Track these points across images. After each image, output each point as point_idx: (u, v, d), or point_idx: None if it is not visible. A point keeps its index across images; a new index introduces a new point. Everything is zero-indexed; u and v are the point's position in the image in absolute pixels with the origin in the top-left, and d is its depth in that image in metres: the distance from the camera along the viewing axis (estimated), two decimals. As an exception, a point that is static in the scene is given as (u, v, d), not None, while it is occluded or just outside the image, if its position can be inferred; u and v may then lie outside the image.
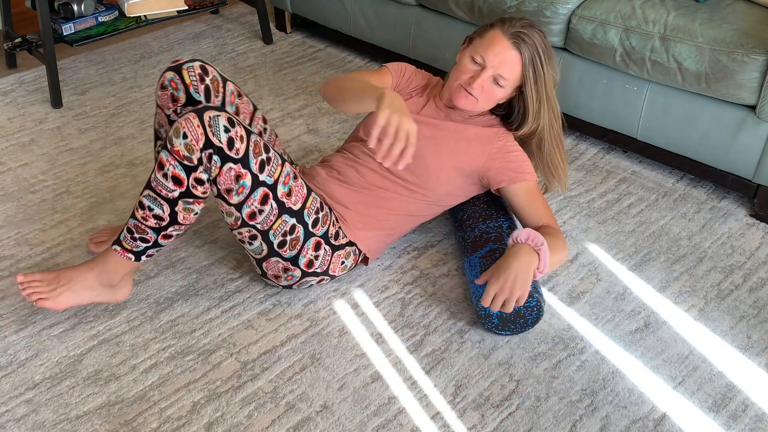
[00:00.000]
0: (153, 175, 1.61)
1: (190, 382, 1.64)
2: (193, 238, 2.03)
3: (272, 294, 1.86)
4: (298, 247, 1.72)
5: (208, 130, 1.54)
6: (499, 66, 1.77)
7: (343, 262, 1.82)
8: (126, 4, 2.75)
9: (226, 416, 1.56)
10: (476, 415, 1.57)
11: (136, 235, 1.65)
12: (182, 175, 1.57)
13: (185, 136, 1.54)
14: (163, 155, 1.58)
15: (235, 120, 1.58)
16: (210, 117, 1.55)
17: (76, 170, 2.31)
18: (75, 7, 2.64)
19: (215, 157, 1.56)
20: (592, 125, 2.39)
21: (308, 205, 1.71)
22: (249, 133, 1.60)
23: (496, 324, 1.72)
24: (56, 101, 2.63)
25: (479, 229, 1.86)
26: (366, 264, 1.92)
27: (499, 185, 1.85)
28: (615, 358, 1.71)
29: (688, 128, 2.16)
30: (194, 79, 1.73)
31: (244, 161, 1.58)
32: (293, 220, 1.68)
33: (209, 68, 1.77)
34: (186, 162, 1.56)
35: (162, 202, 1.60)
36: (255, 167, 1.60)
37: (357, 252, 1.85)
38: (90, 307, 1.81)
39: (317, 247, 1.75)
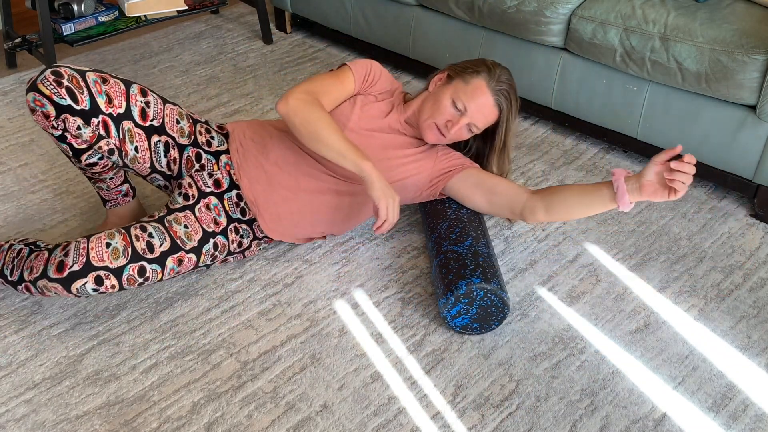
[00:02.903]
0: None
1: (190, 382, 1.64)
2: (193, 238, 2.03)
3: (272, 294, 1.86)
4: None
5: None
6: (477, 117, 1.83)
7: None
8: (126, 4, 2.75)
9: (226, 416, 1.56)
10: (476, 415, 1.57)
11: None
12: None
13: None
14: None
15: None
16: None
17: (76, 170, 2.31)
18: (75, 7, 2.64)
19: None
20: (592, 125, 2.39)
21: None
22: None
23: (477, 327, 1.74)
24: (56, 101, 2.62)
25: (429, 247, 1.91)
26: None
27: (451, 177, 1.90)
28: (615, 358, 1.71)
29: (688, 128, 2.16)
30: (52, 87, 1.63)
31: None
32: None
33: (61, 69, 1.66)
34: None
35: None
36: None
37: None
38: (90, 307, 1.81)
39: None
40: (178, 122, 1.82)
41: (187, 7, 2.86)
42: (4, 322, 1.77)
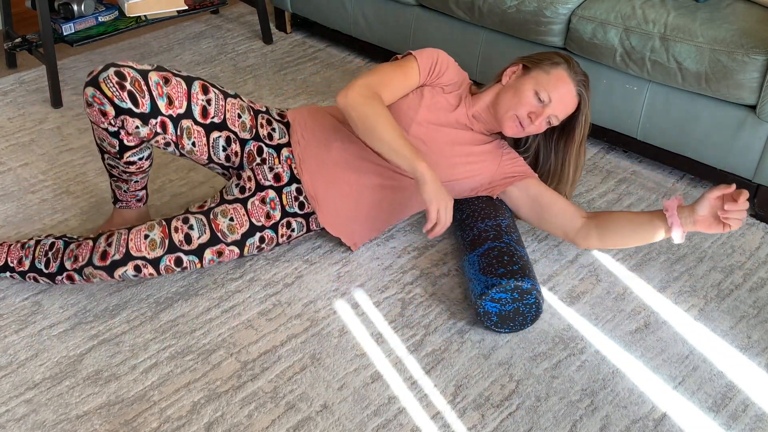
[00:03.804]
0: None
1: (190, 382, 1.64)
2: (193, 238, 2.03)
3: (272, 294, 1.86)
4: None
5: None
6: (559, 108, 1.80)
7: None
8: (126, 4, 2.75)
9: (226, 416, 1.56)
10: (476, 415, 1.57)
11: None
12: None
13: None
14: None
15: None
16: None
17: (76, 170, 2.31)
18: (75, 7, 2.64)
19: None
20: (592, 125, 2.38)
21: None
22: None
23: (495, 321, 1.73)
24: (56, 101, 2.63)
25: (478, 227, 1.87)
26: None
27: (511, 184, 1.89)
28: (615, 358, 1.71)
29: (688, 128, 2.16)
30: (114, 89, 1.63)
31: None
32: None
33: (125, 70, 1.64)
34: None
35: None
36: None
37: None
38: (90, 307, 1.81)
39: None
40: (239, 116, 1.81)
41: (187, 7, 2.86)
42: (4, 322, 1.77)
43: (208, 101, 1.75)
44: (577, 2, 2.25)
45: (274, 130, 1.88)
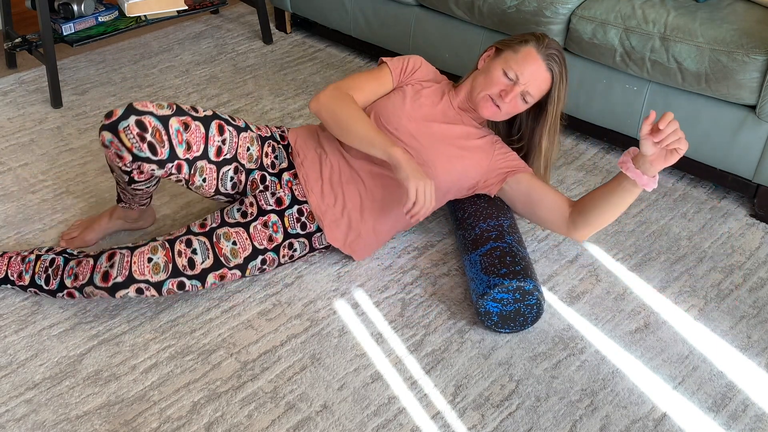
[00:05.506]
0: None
1: (190, 382, 1.64)
2: (193, 238, 2.03)
3: (272, 294, 1.86)
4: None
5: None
6: (530, 84, 1.81)
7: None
8: (126, 4, 2.75)
9: (226, 416, 1.56)
10: (476, 415, 1.57)
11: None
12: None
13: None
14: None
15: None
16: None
17: (76, 170, 2.31)
18: (75, 7, 2.64)
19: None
20: (592, 125, 2.39)
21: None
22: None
23: (495, 321, 1.73)
24: (56, 101, 2.63)
25: (480, 227, 1.87)
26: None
27: (505, 179, 1.88)
28: (615, 358, 1.71)
29: (688, 128, 2.16)
30: (134, 140, 1.60)
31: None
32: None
33: (146, 120, 1.61)
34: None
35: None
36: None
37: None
38: (90, 306, 1.81)
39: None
40: (248, 149, 1.81)
41: (187, 7, 2.86)
42: (4, 322, 1.77)
43: (223, 141, 1.75)
44: (577, 2, 2.25)
45: (276, 157, 1.88)
